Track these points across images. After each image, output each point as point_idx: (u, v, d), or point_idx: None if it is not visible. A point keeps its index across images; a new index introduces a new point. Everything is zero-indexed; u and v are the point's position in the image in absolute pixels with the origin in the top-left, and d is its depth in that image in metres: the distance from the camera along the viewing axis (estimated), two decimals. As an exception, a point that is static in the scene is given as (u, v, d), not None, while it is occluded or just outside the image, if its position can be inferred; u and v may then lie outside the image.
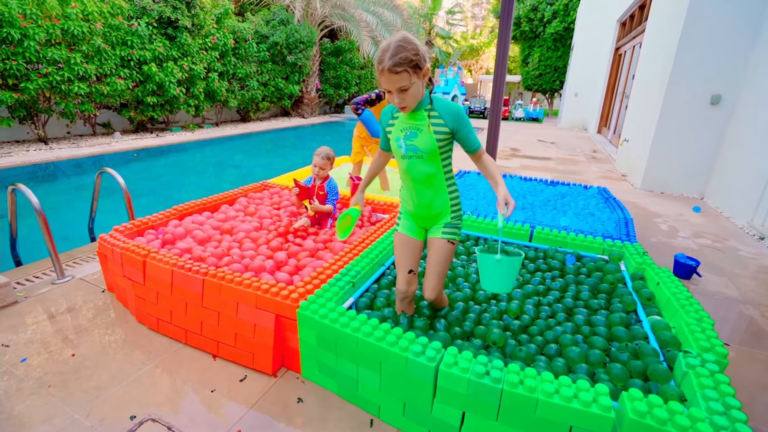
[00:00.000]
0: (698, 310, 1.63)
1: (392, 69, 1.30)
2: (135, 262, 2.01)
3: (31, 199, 2.32)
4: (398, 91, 1.36)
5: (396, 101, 1.40)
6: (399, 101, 1.40)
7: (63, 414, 1.51)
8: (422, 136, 1.47)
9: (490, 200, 3.29)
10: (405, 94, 1.37)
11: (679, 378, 1.35)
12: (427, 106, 1.46)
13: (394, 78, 1.32)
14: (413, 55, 1.31)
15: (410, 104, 1.41)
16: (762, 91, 4.16)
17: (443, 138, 1.47)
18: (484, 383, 1.22)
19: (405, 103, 1.40)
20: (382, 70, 1.32)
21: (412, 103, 1.41)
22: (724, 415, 1.10)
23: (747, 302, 2.54)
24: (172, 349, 1.91)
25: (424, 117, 1.46)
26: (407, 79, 1.33)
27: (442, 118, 1.46)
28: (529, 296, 1.94)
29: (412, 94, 1.38)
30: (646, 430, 1.07)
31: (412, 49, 1.32)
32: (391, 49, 1.31)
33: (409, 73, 1.32)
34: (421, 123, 1.47)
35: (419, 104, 1.46)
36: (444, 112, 1.45)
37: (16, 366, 1.75)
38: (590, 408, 1.13)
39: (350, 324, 1.49)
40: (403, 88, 1.35)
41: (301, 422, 1.51)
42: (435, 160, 1.50)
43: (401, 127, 1.51)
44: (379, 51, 1.35)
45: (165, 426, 1.47)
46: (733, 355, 2.02)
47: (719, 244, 3.50)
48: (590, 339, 1.59)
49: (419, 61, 1.33)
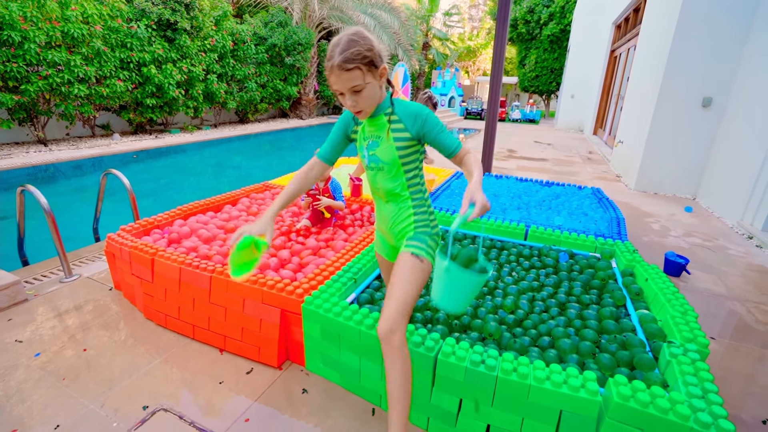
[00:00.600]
0: (683, 304, 1.72)
1: (342, 65, 1.14)
2: (143, 261, 2.08)
3: (41, 200, 2.39)
4: (351, 92, 1.20)
5: (349, 104, 1.23)
6: (352, 104, 1.23)
7: (78, 405, 1.58)
8: (383, 145, 1.31)
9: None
10: (359, 96, 1.21)
11: (663, 366, 1.44)
12: (388, 110, 1.30)
13: (344, 76, 1.16)
14: (367, 51, 1.16)
15: (365, 108, 1.25)
16: (751, 94, 4.28)
17: (406, 146, 1.30)
18: (480, 371, 1.30)
19: (360, 107, 1.24)
20: (332, 68, 1.16)
21: (368, 106, 1.25)
22: (702, 398, 1.19)
23: (734, 299, 2.63)
24: (180, 343, 1.98)
25: (384, 123, 1.30)
26: (360, 77, 1.17)
27: (403, 123, 1.29)
28: (524, 292, 2.02)
29: (367, 96, 1.22)
30: (629, 412, 1.15)
31: (366, 44, 1.17)
32: (341, 43, 1.16)
33: (363, 70, 1.16)
34: (381, 130, 1.31)
35: (378, 108, 1.30)
36: (404, 115, 1.29)
37: (31, 360, 1.82)
38: (578, 393, 1.21)
39: (353, 317, 1.57)
40: (355, 89, 1.19)
41: (306, 412, 1.59)
42: (397, 173, 1.33)
43: (364, 135, 1.37)
44: (329, 47, 1.19)
45: (176, 415, 1.54)
46: (718, 348, 2.11)
47: (709, 243, 3.60)
48: (581, 332, 1.67)
49: (374, 57, 1.19)
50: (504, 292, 2.00)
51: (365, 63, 1.16)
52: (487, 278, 1.18)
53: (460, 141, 1.26)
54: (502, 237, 2.66)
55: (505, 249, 2.53)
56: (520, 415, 1.31)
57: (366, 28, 8.02)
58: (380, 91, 1.28)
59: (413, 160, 1.34)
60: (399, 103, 1.32)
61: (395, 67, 7.98)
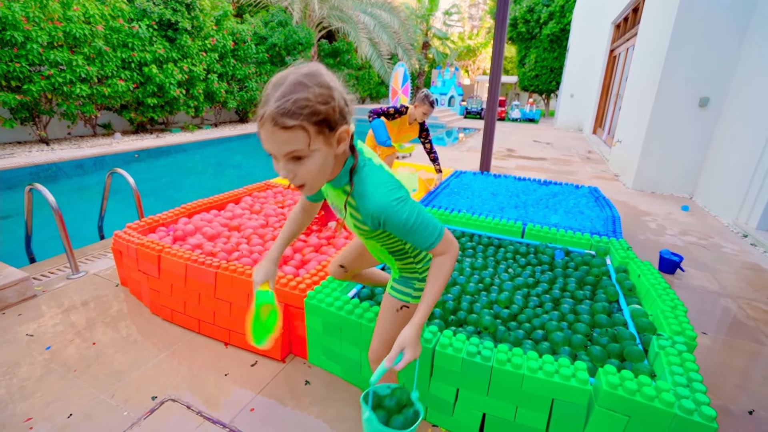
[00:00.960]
0: (673, 299, 1.78)
1: (277, 119, 0.77)
2: (150, 257, 2.14)
3: (49, 199, 2.45)
4: (286, 159, 0.83)
5: (282, 173, 0.86)
6: (286, 174, 0.85)
7: (90, 395, 1.64)
8: (347, 220, 1.07)
9: (485, 199, 3.43)
10: (298, 166, 0.84)
11: (652, 358, 1.49)
12: (345, 187, 0.97)
13: (279, 135, 0.79)
14: (320, 103, 0.80)
15: (308, 183, 0.89)
16: (747, 95, 4.33)
17: (372, 234, 1.08)
18: (476, 361, 1.36)
19: (298, 181, 0.87)
20: (263, 118, 0.80)
21: (312, 181, 0.88)
22: (687, 387, 1.24)
23: (726, 295, 2.69)
24: (186, 338, 2.04)
25: (343, 196, 1.00)
26: (303, 141, 0.80)
27: (361, 214, 0.98)
28: (519, 288, 2.08)
29: (311, 168, 0.85)
30: (617, 400, 1.21)
31: (321, 93, 0.81)
32: (285, 84, 0.80)
33: (309, 132, 0.80)
34: (340, 203, 1.04)
35: (336, 180, 0.98)
36: (362, 210, 0.96)
37: (42, 353, 1.88)
38: (569, 382, 1.27)
39: (354, 311, 1.63)
40: (294, 155, 0.82)
41: (308, 402, 1.65)
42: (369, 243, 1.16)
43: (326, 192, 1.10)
44: (266, 86, 0.83)
45: (184, 405, 1.60)
46: (710, 343, 2.17)
47: (704, 242, 3.66)
48: (574, 325, 1.73)
49: (330, 115, 0.82)
50: (500, 288, 2.05)
51: (315, 122, 0.80)
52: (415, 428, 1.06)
53: (436, 236, 0.98)
54: (499, 235, 2.72)
55: (502, 246, 2.59)
56: (514, 404, 1.37)
57: (365, 28, 7.88)
58: (333, 163, 0.91)
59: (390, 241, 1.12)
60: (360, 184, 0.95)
61: (395, 67, 8.04)
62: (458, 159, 7.44)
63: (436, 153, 3.64)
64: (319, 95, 0.80)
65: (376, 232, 1.06)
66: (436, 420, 1.55)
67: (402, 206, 0.93)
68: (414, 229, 0.95)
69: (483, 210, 3.11)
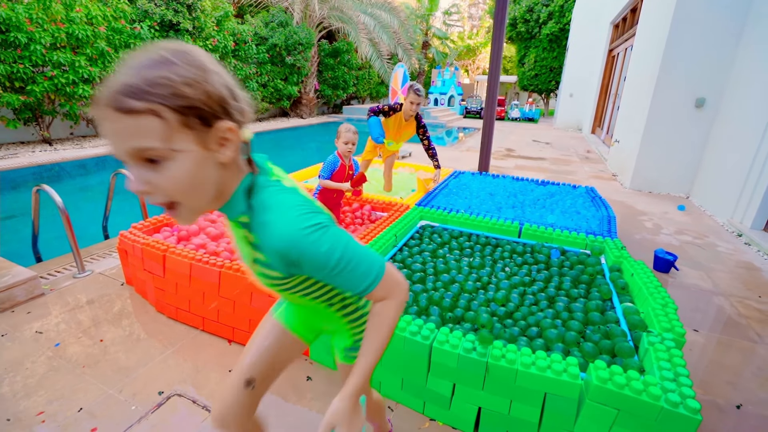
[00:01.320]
0: (664, 297, 1.83)
1: (118, 100, 0.54)
2: (155, 257, 2.19)
3: (56, 199, 2.50)
4: (134, 162, 0.59)
5: (133, 186, 0.61)
6: (139, 187, 0.60)
7: (98, 390, 1.69)
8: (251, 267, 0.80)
9: (483, 199, 3.48)
10: (155, 173, 0.59)
11: (642, 354, 1.55)
12: (242, 218, 0.72)
13: (121, 123, 0.55)
14: (185, 84, 0.57)
15: (183, 202, 0.63)
16: (743, 95, 4.38)
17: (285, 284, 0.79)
18: (471, 357, 1.42)
19: (162, 196, 0.61)
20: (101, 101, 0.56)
21: (185, 199, 0.63)
22: (674, 381, 1.30)
23: (720, 294, 2.75)
24: (190, 335, 2.10)
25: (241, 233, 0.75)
26: (157, 132, 0.56)
27: (265, 256, 0.71)
28: (516, 286, 2.13)
29: (178, 177, 0.60)
30: (607, 393, 1.27)
31: (190, 73, 0.58)
32: (137, 60, 0.57)
33: (165, 119, 0.56)
34: (239, 240, 0.78)
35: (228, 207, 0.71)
36: (266, 247, 0.69)
37: (52, 349, 1.94)
38: (561, 376, 1.32)
39: (354, 309, 1.68)
40: (146, 155, 0.58)
41: (310, 397, 1.70)
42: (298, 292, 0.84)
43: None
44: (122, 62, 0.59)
45: (190, 400, 1.66)
46: (702, 341, 2.22)
47: (699, 241, 3.71)
48: (568, 323, 1.78)
49: (203, 101, 0.59)
50: (496, 287, 2.11)
51: (176, 108, 0.57)
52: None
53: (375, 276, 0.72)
54: (496, 234, 2.77)
55: (500, 246, 2.64)
56: (509, 398, 1.42)
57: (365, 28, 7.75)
58: (217, 176, 0.65)
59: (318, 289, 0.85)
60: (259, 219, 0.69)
61: (395, 67, 8.05)
62: (458, 159, 7.49)
63: (434, 149, 3.69)
64: (185, 75, 0.57)
65: (292, 281, 0.78)
66: (433, 414, 1.61)
67: (320, 235, 0.67)
68: (342, 266, 0.69)
69: (481, 210, 3.17)
